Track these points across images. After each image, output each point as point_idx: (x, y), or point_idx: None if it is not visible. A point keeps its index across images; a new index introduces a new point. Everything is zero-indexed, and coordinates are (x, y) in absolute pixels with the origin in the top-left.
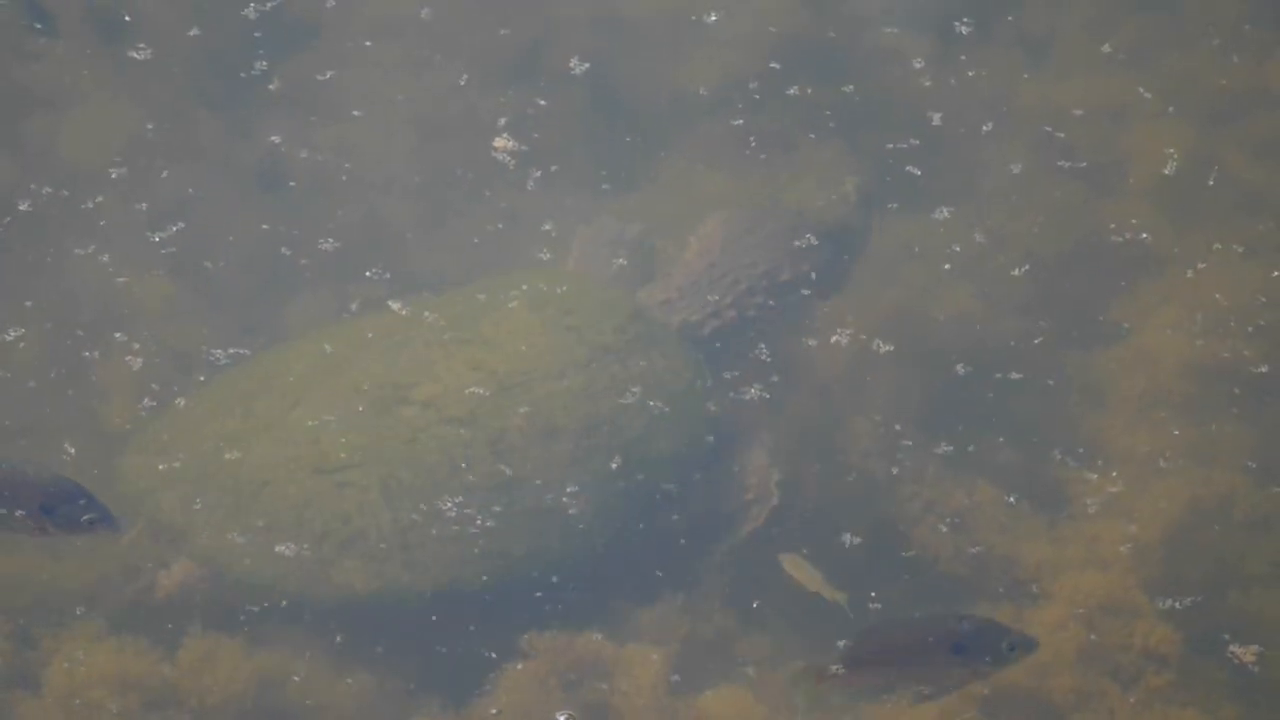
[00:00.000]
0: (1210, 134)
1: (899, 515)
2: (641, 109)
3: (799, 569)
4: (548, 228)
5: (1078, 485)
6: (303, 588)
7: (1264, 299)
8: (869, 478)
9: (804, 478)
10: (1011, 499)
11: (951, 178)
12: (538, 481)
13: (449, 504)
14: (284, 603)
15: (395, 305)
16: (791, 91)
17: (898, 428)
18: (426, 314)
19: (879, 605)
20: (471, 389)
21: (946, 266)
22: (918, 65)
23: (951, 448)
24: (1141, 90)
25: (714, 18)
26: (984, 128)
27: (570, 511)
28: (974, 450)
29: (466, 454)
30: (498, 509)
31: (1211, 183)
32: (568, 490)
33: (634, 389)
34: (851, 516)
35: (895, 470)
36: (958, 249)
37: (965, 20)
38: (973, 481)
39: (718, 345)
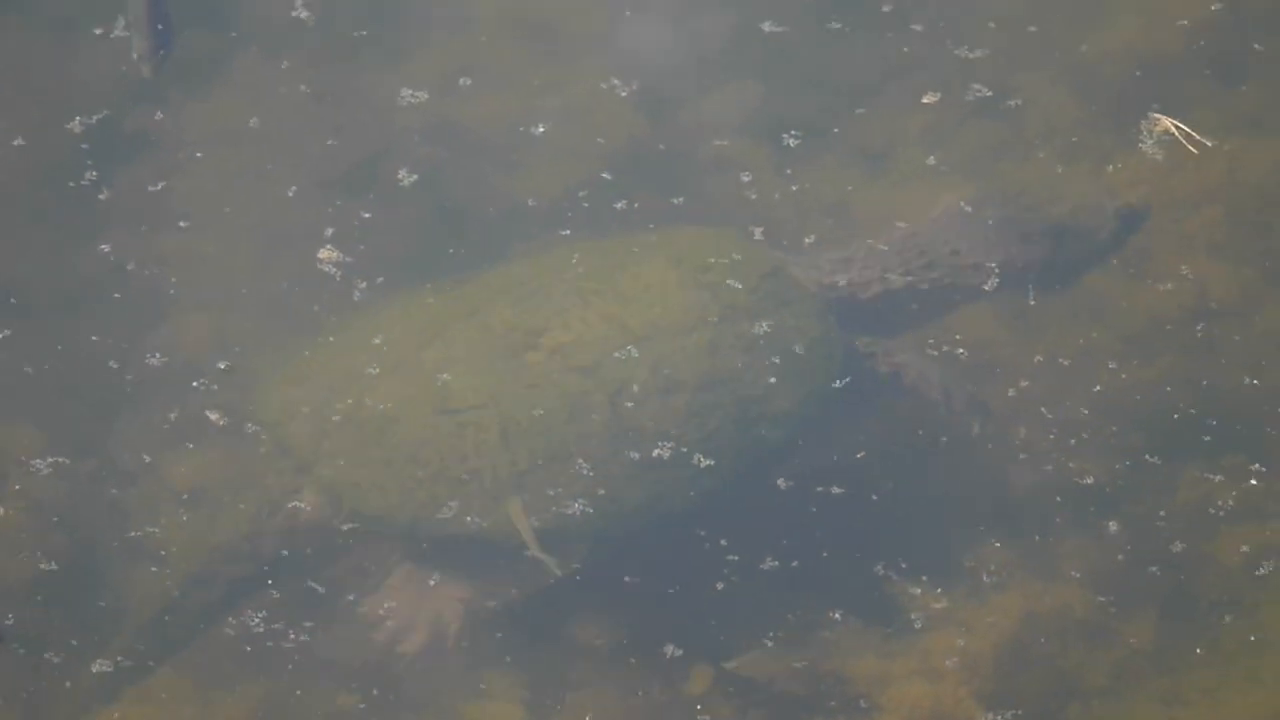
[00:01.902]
0: None
1: (725, 629)
2: (471, 220)
3: (520, 518)
4: (378, 341)
5: (905, 600)
6: (413, 522)
7: (1086, 411)
8: (696, 594)
9: None
10: (838, 615)
11: None
12: (652, 434)
13: (564, 451)
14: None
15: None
16: (619, 205)
17: (723, 542)
18: (574, 259)
19: None
20: (600, 339)
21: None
22: (745, 179)
23: (777, 562)
24: (963, 204)
25: (542, 129)
26: (806, 240)
27: (683, 465)
28: (798, 565)
29: (585, 402)
30: (611, 459)
31: (1033, 301)
32: (681, 443)
33: (757, 347)
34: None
35: (721, 586)
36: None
37: (794, 133)
38: (801, 597)
39: (876, 311)
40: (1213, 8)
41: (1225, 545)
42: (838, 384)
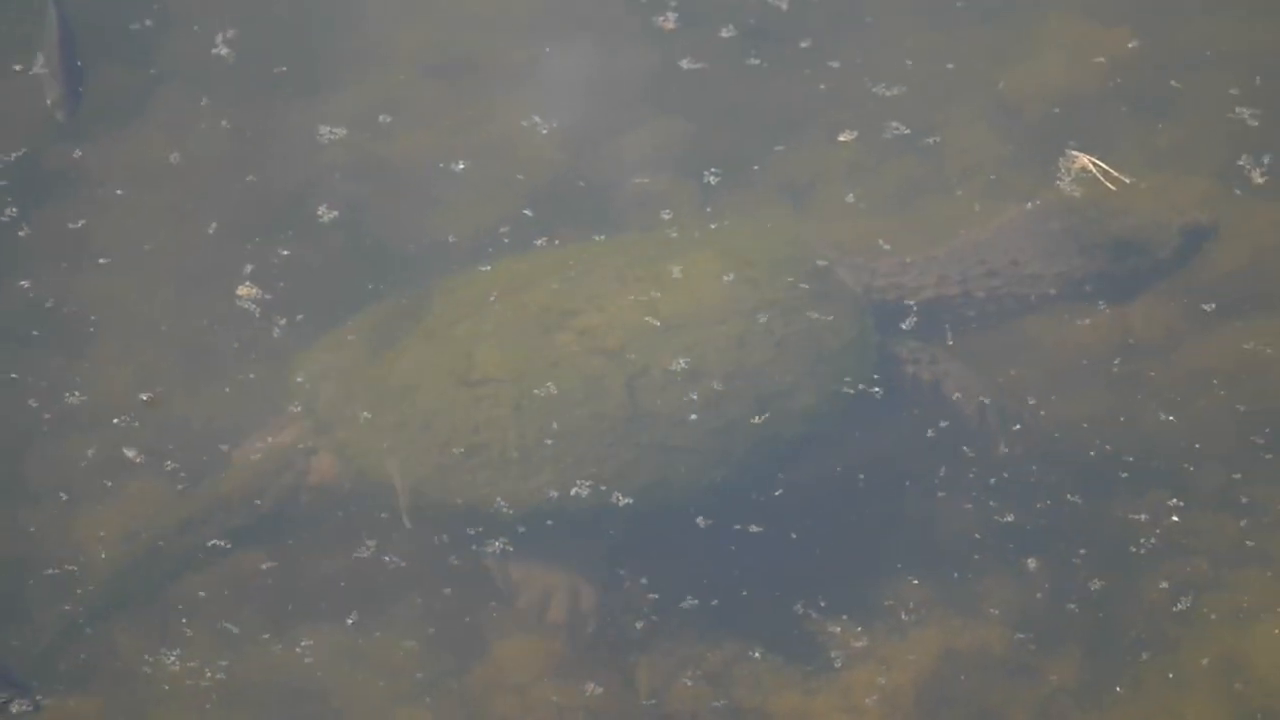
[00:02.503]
0: None
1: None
2: (391, 256)
3: (397, 477)
4: (300, 379)
5: (825, 638)
6: (419, 487)
7: (1005, 449)
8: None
9: None
10: (758, 653)
11: None
12: (665, 421)
13: (574, 430)
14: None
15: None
16: (539, 242)
17: (643, 580)
18: (628, 245)
19: None
20: (629, 324)
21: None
22: (666, 215)
23: (696, 601)
24: (881, 241)
25: (462, 166)
26: (725, 278)
27: (694, 454)
28: (718, 604)
29: (602, 385)
30: (622, 441)
31: (951, 339)
32: (695, 432)
33: (787, 343)
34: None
35: (640, 625)
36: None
37: (714, 170)
38: (721, 635)
39: (922, 316)
40: (1129, 45)
41: (1146, 582)
42: (868, 388)
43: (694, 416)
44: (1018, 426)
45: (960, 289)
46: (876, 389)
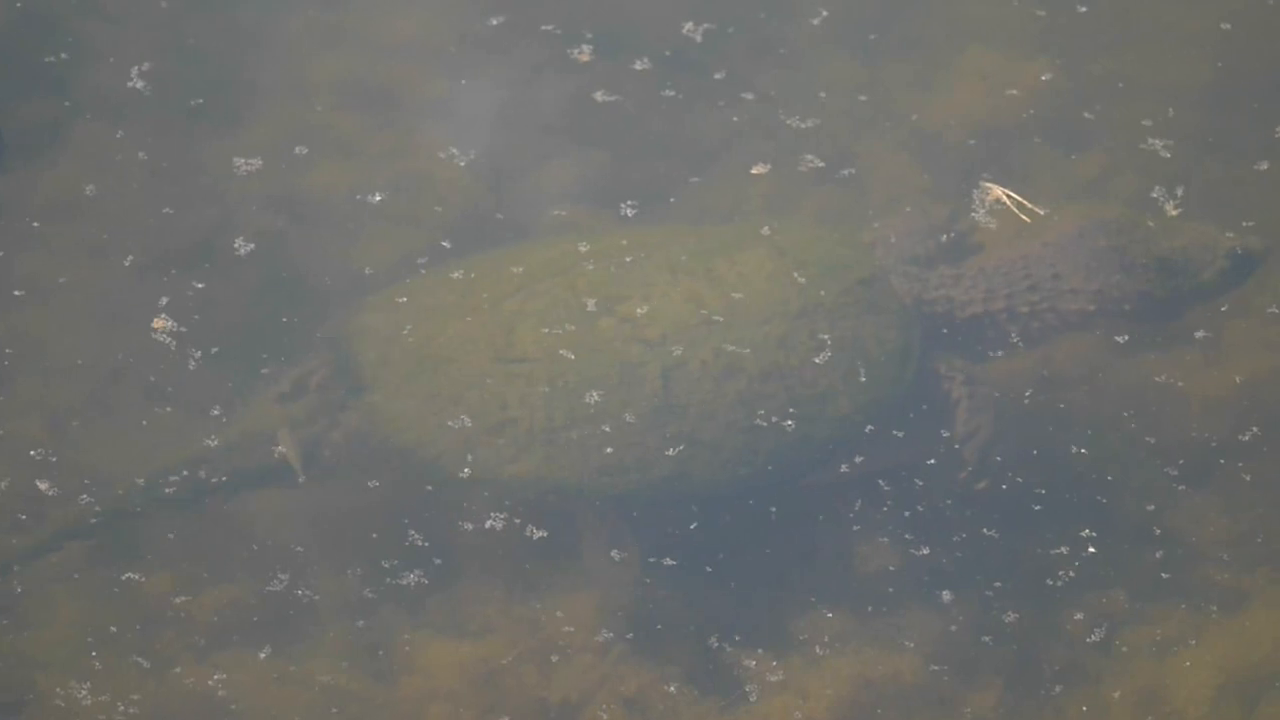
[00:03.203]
0: None
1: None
2: (307, 288)
3: (287, 442)
4: (216, 412)
5: (740, 671)
6: (439, 457)
7: (920, 481)
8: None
9: None
10: (673, 687)
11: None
12: (696, 414)
13: (604, 415)
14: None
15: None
16: (456, 275)
17: (559, 614)
18: (683, 233)
19: None
20: (674, 316)
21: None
22: (583, 249)
23: (611, 634)
24: (796, 275)
25: (379, 198)
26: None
27: (720, 449)
28: (632, 637)
29: (637, 373)
30: (650, 430)
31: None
32: (724, 428)
33: (829, 347)
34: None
35: (555, 658)
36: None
37: (631, 202)
38: (635, 668)
39: (966, 330)
40: (1043, 78)
41: (1064, 615)
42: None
43: (725, 412)
44: (999, 458)
45: (1005, 304)
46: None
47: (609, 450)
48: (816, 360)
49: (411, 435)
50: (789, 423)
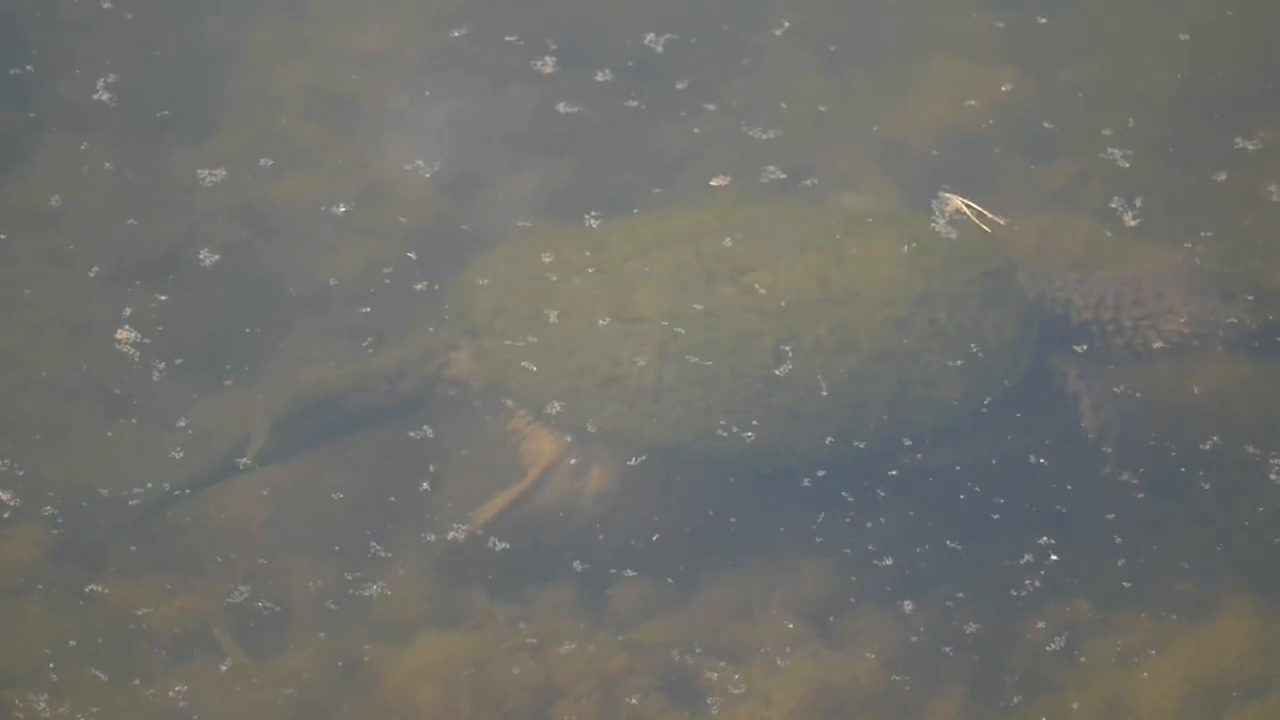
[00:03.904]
0: None
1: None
2: (271, 300)
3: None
4: (182, 424)
5: (703, 683)
6: (544, 406)
7: (883, 493)
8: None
9: None
10: (635, 699)
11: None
12: (804, 387)
13: (712, 381)
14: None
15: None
16: (419, 286)
17: (522, 625)
18: (818, 213)
19: None
20: (796, 289)
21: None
22: (546, 259)
23: (574, 646)
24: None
25: (343, 209)
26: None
27: (822, 424)
28: (594, 649)
29: (752, 342)
30: (755, 399)
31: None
32: (829, 405)
33: (946, 334)
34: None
35: (517, 670)
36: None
37: (594, 213)
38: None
39: (1079, 335)
40: (1002, 89)
41: (1028, 625)
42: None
43: (832, 388)
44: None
45: (1113, 314)
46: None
47: (711, 415)
48: (931, 346)
49: (520, 381)
50: (897, 405)
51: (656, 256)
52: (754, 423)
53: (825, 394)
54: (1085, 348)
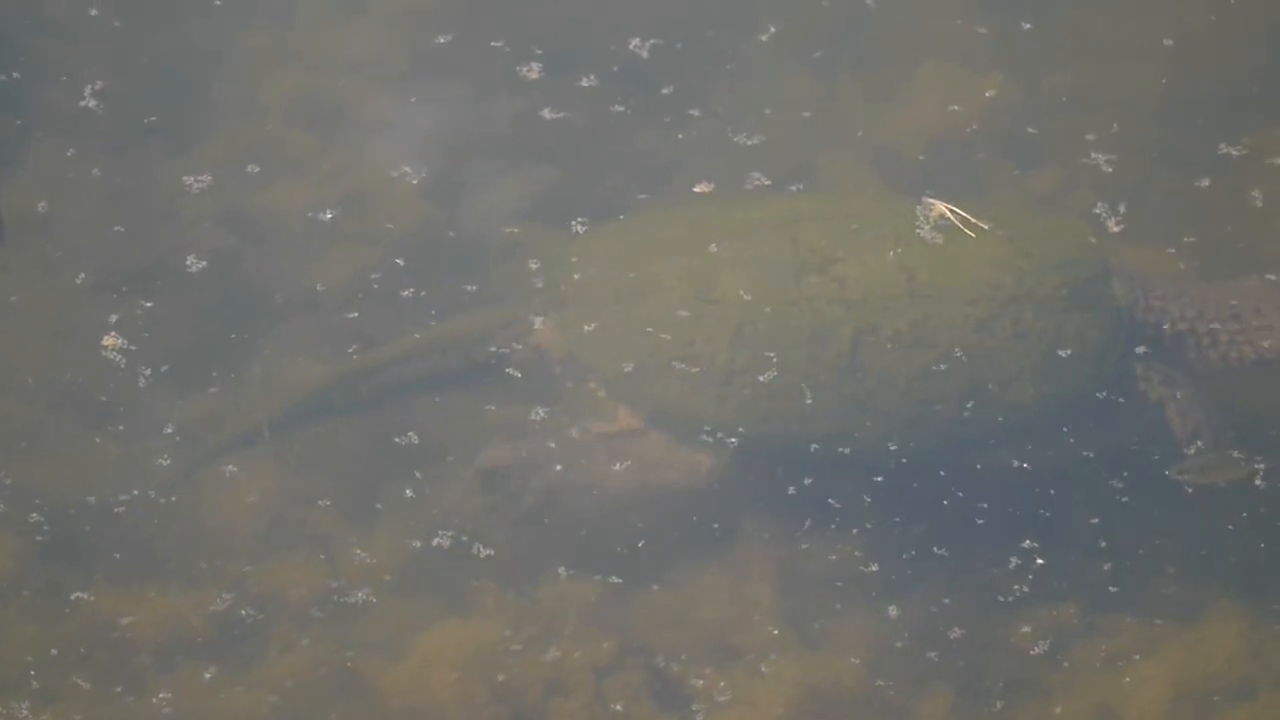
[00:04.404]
0: None
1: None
2: (258, 306)
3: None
4: (169, 430)
5: (689, 691)
6: (616, 379)
7: (868, 499)
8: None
9: None
10: (619, 706)
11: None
12: (877, 380)
13: (785, 367)
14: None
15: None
16: (406, 293)
17: (508, 632)
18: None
19: None
20: (882, 282)
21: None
22: (533, 265)
23: (559, 653)
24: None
25: (330, 215)
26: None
27: (890, 417)
28: (580, 656)
29: (830, 332)
30: (826, 388)
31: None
32: (900, 399)
33: (1029, 336)
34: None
35: (501, 676)
36: (552, 445)
37: (580, 219)
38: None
39: (1172, 346)
40: (987, 94)
41: (1013, 629)
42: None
43: (905, 383)
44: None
45: (1209, 327)
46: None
47: (779, 401)
48: (1010, 348)
49: (593, 353)
50: (968, 403)
51: (748, 241)
52: (821, 411)
53: (897, 388)
54: (1169, 356)
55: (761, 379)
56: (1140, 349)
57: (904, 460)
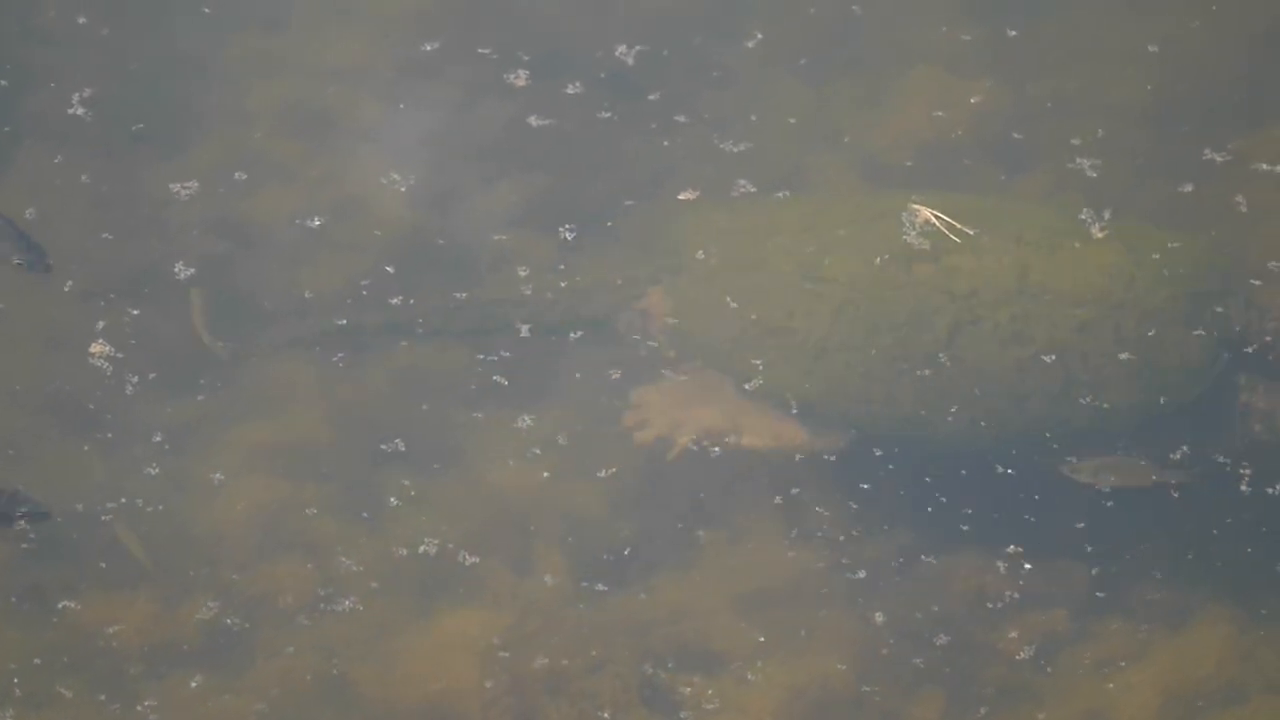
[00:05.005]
0: None
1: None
2: (246, 313)
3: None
4: (158, 439)
5: (676, 697)
6: (715, 345)
7: (855, 505)
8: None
9: None
10: (606, 715)
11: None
12: (968, 369)
13: (877, 347)
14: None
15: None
16: (395, 300)
17: (495, 639)
18: (1044, 214)
19: None
20: (991, 276)
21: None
22: (522, 273)
23: (547, 660)
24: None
25: (318, 222)
26: (572, 335)
27: (975, 408)
28: (568, 664)
29: (928, 320)
30: (915, 371)
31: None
32: (989, 390)
33: (1129, 342)
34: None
35: (489, 684)
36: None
37: (568, 226)
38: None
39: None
40: (972, 100)
41: (1001, 634)
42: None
43: (996, 375)
44: None
45: None
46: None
47: (867, 381)
48: (1107, 353)
49: (696, 320)
50: (1052, 399)
51: (862, 228)
52: (907, 396)
53: (988, 379)
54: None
55: (851, 358)
56: (1242, 374)
57: (977, 451)
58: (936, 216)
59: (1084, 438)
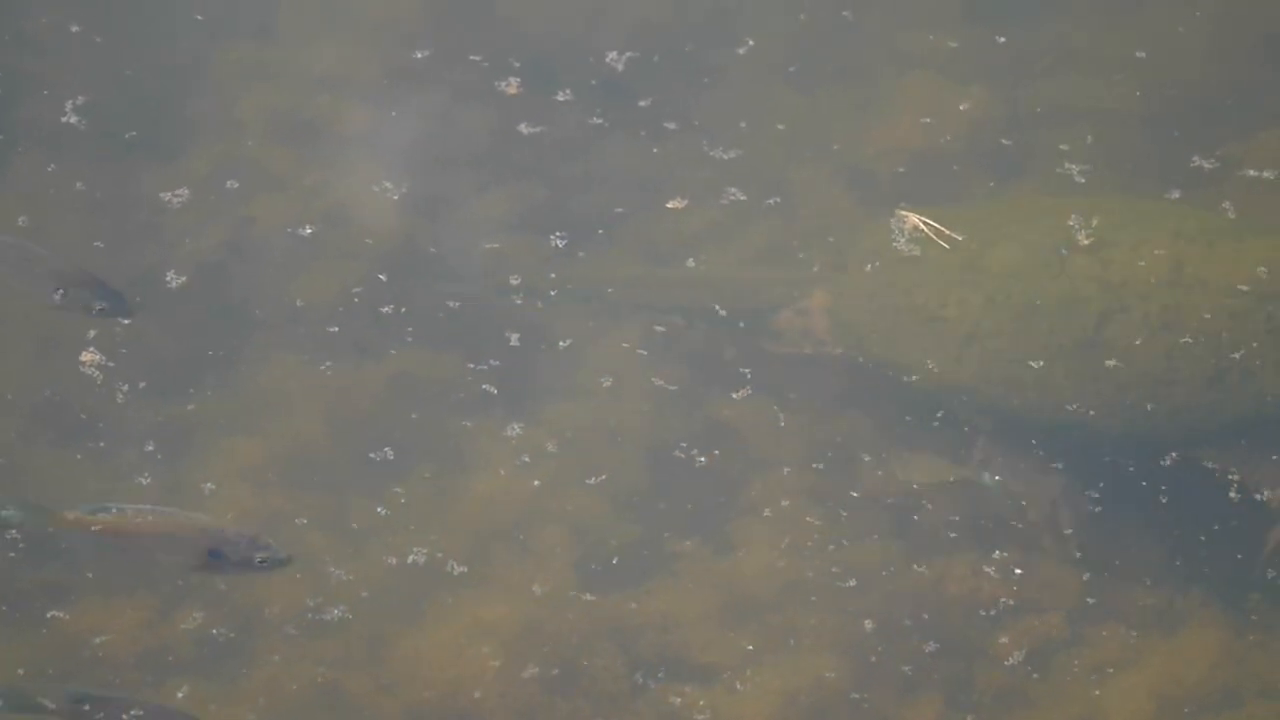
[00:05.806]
0: None
1: None
2: (238, 322)
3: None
4: (150, 447)
5: (666, 708)
6: (870, 334)
7: (845, 513)
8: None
9: None
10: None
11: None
12: (1116, 353)
13: (1024, 335)
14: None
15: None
16: (387, 309)
17: (485, 649)
18: (1199, 214)
19: None
20: (1144, 269)
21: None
22: (514, 281)
23: (537, 669)
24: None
25: (310, 230)
26: (560, 343)
27: (1118, 393)
28: (558, 673)
29: (1077, 308)
30: (1062, 358)
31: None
32: (1135, 376)
33: (1276, 335)
34: None
35: (477, 693)
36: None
37: (559, 233)
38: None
39: None
40: (961, 107)
41: (994, 639)
42: None
43: (1142, 362)
44: None
45: None
46: None
47: (1014, 367)
48: (1256, 342)
49: (854, 310)
50: (1203, 385)
51: (1029, 225)
52: (1054, 381)
53: (1134, 366)
54: None
55: (1000, 344)
56: None
57: (1116, 438)
58: (925, 223)
59: (1230, 430)
